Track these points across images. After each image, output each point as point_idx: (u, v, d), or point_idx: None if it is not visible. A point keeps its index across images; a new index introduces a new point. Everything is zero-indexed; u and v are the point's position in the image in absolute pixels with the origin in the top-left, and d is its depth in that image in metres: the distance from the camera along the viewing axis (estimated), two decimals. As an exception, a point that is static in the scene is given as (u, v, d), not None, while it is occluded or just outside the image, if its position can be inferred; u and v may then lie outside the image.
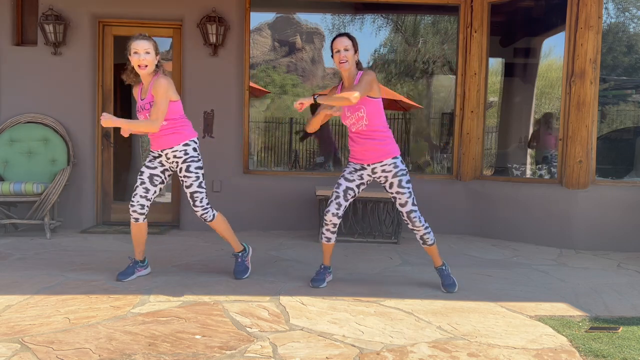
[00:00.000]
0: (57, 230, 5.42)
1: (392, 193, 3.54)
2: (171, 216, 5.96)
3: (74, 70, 5.60)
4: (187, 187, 3.60)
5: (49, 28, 5.42)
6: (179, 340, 2.59)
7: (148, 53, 3.40)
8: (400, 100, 6.90)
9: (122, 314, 2.95)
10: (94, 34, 5.67)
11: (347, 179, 3.59)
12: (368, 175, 3.59)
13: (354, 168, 3.60)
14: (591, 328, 2.89)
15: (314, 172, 6.23)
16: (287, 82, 7.22)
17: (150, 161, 3.64)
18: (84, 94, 5.63)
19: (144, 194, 3.57)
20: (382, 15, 6.80)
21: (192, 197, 3.61)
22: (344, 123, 3.60)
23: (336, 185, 3.61)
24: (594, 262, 4.58)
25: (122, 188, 6.66)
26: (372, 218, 5.25)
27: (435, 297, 3.41)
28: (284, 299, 3.28)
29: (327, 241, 3.69)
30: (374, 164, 3.52)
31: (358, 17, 6.71)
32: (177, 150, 3.56)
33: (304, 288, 3.55)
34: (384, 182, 3.55)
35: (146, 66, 3.41)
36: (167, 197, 6.07)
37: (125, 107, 6.65)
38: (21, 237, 5.12)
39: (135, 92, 3.62)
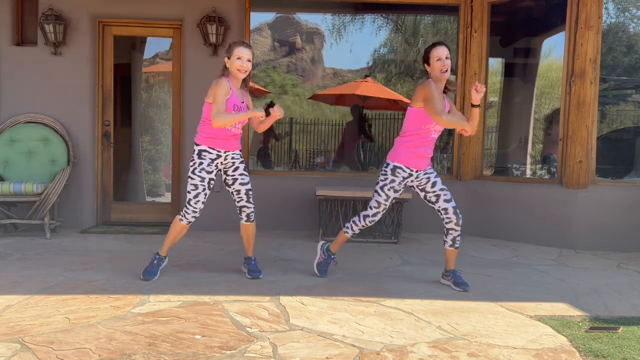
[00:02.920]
0: (57, 230, 5.42)
1: (435, 192, 3.63)
2: (171, 216, 5.95)
3: (74, 70, 5.60)
4: (245, 184, 3.74)
5: (49, 28, 5.42)
6: (179, 340, 2.59)
7: (249, 61, 3.57)
8: (400, 100, 6.90)
9: (122, 314, 2.95)
10: (94, 34, 5.67)
11: (396, 190, 3.68)
12: (411, 181, 3.70)
13: (402, 177, 3.64)
14: (591, 328, 2.89)
15: (314, 172, 6.23)
16: (287, 82, 7.22)
17: (208, 165, 3.64)
18: (84, 94, 5.63)
19: (204, 200, 3.63)
20: (382, 15, 6.80)
21: (247, 193, 3.75)
22: (432, 128, 3.59)
23: (385, 197, 3.65)
24: (594, 262, 4.58)
25: (122, 188, 6.66)
26: (372, 218, 5.24)
27: (435, 297, 3.41)
28: (284, 299, 3.28)
29: (351, 235, 3.84)
30: (422, 169, 3.66)
31: (358, 17, 6.71)
32: (236, 152, 3.75)
33: (304, 288, 3.55)
34: (426, 183, 3.65)
35: (246, 72, 3.58)
36: (167, 197, 6.07)
37: (125, 107, 6.65)
38: (21, 237, 5.12)
39: (228, 86, 3.56)
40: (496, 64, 6.87)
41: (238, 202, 3.75)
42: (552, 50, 6.49)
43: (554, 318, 3.06)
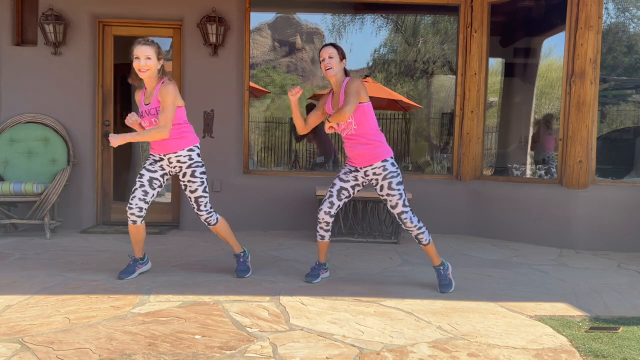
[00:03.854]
0: (57, 230, 5.42)
1: (382, 195, 3.59)
2: (171, 216, 5.96)
3: (74, 70, 5.60)
4: (192, 191, 3.64)
5: (49, 28, 5.42)
6: (179, 340, 2.59)
7: (149, 59, 3.44)
8: (400, 100, 6.90)
9: (122, 314, 2.95)
10: (94, 34, 5.67)
11: (341, 180, 3.69)
12: (362, 177, 3.67)
13: (349, 169, 3.69)
14: (591, 328, 2.89)
15: (314, 172, 6.23)
16: (287, 82, 7.21)
17: (150, 164, 3.64)
18: (84, 94, 5.63)
19: (142, 197, 3.57)
20: (382, 15, 6.79)
21: (196, 201, 3.66)
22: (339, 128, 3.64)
23: (331, 185, 3.72)
24: (594, 262, 4.58)
25: (122, 188, 6.66)
26: (372, 218, 5.25)
27: (435, 297, 3.41)
28: (284, 299, 3.28)
29: (321, 239, 3.78)
30: (365, 167, 3.60)
31: (358, 17, 6.71)
32: (181, 156, 3.60)
33: (304, 288, 3.55)
34: (375, 185, 3.62)
35: (147, 70, 3.45)
36: (167, 197, 6.07)
37: (125, 107, 6.65)
38: (21, 237, 5.12)
39: (138, 96, 3.64)
40: (496, 64, 6.87)
41: (193, 209, 3.74)
42: (552, 50, 6.49)
43: (554, 318, 3.06)
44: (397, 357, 2.46)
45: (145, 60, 3.43)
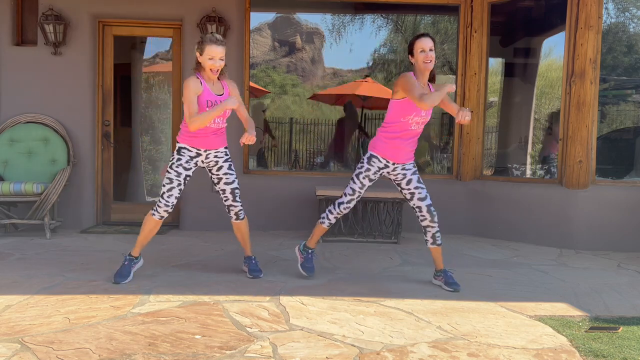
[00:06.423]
0: (57, 230, 5.42)
1: (409, 189, 3.62)
2: (171, 216, 5.95)
3: (74, 70, 5.60)
4: (229, 183, 3.72)
5: (49, 28, 5.42)
6: (179, 340, 2.59)
7: (222, 60, 3.52)
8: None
9: (122, 314, 2.95)
10: (94, 34, 5.67)
11: (371, 179, 3.68)
12: (387, 173, 3.69)
13: (378, 167, 3.64)
14: (591, 328, 2.89)
15: (314, 172, 6.23)
16: (287, 82, 7.21)
17: (187, 162, 3.62)
18: (84, 94, 5.63)
19: (178, 195, 3.60)
20: (382, 15, 6.79)
21: (233, 192, 3.73)
22: (411, 120, 3.56)
23: (360, 185, 3.67)
24: (594, 262, 4.58)
25: (122, 188, 6.66)
26: (372, 218, 5.25)
27: (435, 297, 3.41)
28: (284, 299, 3.28)
29: (328, 226, 3.82)
30: (398, 163, 3.63)
31: (358, 17, 6.71)
32: (220, 151, 3.71)
33: (304, 288, 3.55)
34: (402, 179, 3.65)
35: (217, 71, 3.54)
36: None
37: (125, 107, 6.65)
38: (21, 237, 5.12)
39: (197, 84, 3.50)
40: (496, 64, 6.87)
41: (225, 201, 3.76)
42: (552, 50, 6.49)
43: (554, 318, 3.06)
44: (397, 357, 2.46)
45: (220, 62, 3.51)
